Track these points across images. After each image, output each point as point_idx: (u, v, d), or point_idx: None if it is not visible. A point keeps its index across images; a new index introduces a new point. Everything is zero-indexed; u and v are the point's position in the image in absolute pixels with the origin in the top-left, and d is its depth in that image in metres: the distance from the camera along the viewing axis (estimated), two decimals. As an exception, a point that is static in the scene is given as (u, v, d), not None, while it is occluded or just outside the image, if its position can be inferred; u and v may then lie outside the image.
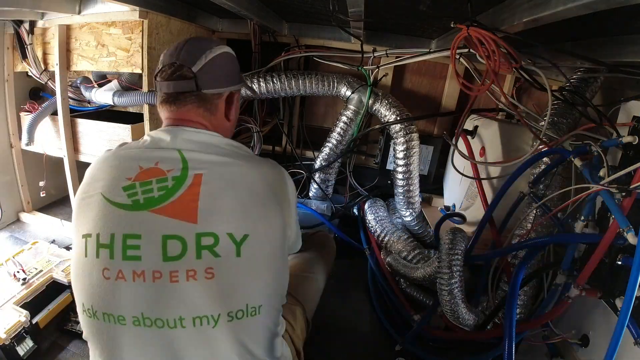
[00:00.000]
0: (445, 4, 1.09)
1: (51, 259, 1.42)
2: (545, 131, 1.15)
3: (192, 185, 0.64)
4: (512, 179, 1.20)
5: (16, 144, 1.85)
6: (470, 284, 1.36)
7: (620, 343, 0.74)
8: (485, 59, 0.99)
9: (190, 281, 0.60)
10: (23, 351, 1.11)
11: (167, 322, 0.60)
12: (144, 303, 0.60)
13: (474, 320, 1.15)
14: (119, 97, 1.55)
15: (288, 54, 1.80)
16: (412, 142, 1.63)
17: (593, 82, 1.29)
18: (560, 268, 1.01)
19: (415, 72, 1.97)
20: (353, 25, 1.41)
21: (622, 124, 1.02)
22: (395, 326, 1.36)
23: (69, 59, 1.61)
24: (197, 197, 0.63)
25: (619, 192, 0.84)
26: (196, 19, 1.77)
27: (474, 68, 1.37)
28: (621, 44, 1.04)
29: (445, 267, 1.12)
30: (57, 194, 2.12)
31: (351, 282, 1.64)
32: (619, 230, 0.80)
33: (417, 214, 1.75)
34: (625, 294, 0.74)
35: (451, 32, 1.37)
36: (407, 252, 1.57)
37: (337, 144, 1.80)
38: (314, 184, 1.89)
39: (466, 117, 1.36)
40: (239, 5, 1.31)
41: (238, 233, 0.63)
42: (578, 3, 0.65)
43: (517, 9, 0.87)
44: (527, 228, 1.24)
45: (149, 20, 1.41)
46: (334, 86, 1.72)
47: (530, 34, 0.91)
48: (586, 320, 1.06)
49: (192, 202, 0.63)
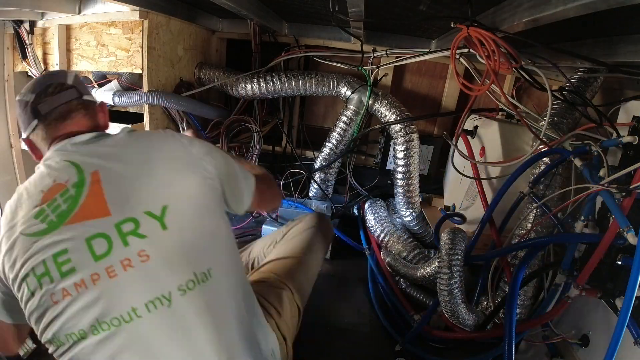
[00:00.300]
0: (445, 4, 1.09)
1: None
2: (545, 131, 1.15)
3: (92, 183, 0.64)
4: (512, 179, 1.20)
5: (16, 144, 1.85)
6: (470, 284, 1.36)
7: (620, 343, 0.74)
8: (485, 59, 0.99)
9: (129, 270, 0.60)
10: (23, 351, 1.11)
11: (122, 317, 0.59)
12: (94, 310, 0.59)
13: (473, 320, 1.15)
14: (119, 97, 1.55)
15: (288, 54, 1.81)
16: (412, 142, 1.63)
17: (593, 82, 1.29)
18: (560, 268, 1.01)
19: (415, 72, 1.97)
20: (353, 25, 1.41)
21: (622, 124, 1.02)
22: (395, 326, 1.36)
23: (69, 59, 1.61)
24: (101, 191, 0.64)
25: (619, 192, 0.84)
26: (196, 19, 1.77)
27: (474, 68, 1.37)
28: (621, 44, 1.04)
29: (445, 267, 1.12)
30: (57, 194, 2.12)
31: (351, 282, 1.63)
32: (619, 230, 0.80)
33: (417, 214, 1.75)
34: (625, 294, 0.74)
35: (451, 32, 1.37)
36: (407, 252, 1.57)
37: (337, 144, 1.80)
38: (313, 184, 1.89)
39: (466, 117, 1.36)
40: (239, 5, 1.31)
41: (155, 207, 0.64)
42: (578, 3, 0.65)
43: (517, 9, 0.87)
44: (527, 228, 1.23)
45: (149, 20, 1.41)
46: (334, 86, 1.72)
47: (530, 34, 0.91)
48: (586, 320, 1.06)
49: (98, 197, 0.63)
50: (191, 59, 1.78)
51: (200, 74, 1.82)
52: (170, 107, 1.60)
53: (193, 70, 1.81)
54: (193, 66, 1.81)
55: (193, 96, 1.71)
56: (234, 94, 1.80)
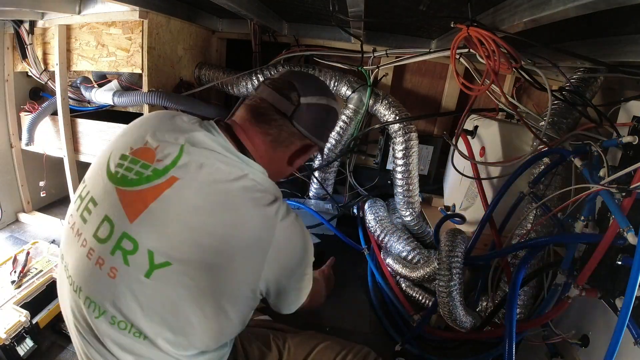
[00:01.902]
0: (445, 4, 1.09)
1: (51, 259, 1.42)
2: (545, 131, 1.16)
3: (161, 184, 0.60)
4: (512, 179, 1.20)
5: (16, 144, 1.85)
6: (471, 283, 1.36)
7: (620, 343, 0.74)
8: (485, 59, 0.99)
9: (97, 267, 0.60)
10: (23, 351, 1.11)
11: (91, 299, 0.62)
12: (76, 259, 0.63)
13: (471, 322, 1.15)
14: (119, 97, 1.55)
15: (289, 52, 1.80)
16: (410, 142, 1.63)
17: (593, 82, 1.29)
18: (560, 268, 1.01)
19: (415, 72, 1.97)
20: (353, 25, 1.41)
21: (622, 124, 1.02)
22: (395, 326, 1.36)
23: (69, 59, 1.61)
24: (155, 198, 0.59)
25: (619, 192, 0.84)
26: (196, 19, 1.77)
27: (474, 68, 1.38)
28: (621, 44, 1.04)
29: (444, 269, 1.12)
30: (57, 194, 2.12)
31: (351, 282, 1.64)
32: (619, 230, 0.80)
33: (417, 214, 1.75)
34: (625, 294, 0.74)
35: (451, 32, 1.37)
36: (407, 252, 1.57)
37: (336, 144, 1.79)
38: (313, 184, 1.88)
39: (466, 117, 1.36)
40: (239, 5, 1.31)
41: (159, 255, 0.58)
42: (578, 3, 0.65)
43: (517, 9, 0.87)
44: (527, 228, 1.24)
45: (149, 20, 1.41)
46: (333, 84, 1.72)
47: (530, 34, 0.91)
48: (586, 320, 1.06)
49: (146, 200, 0.59)
50: (191, 59, 1.78)
51: (200, 74, 1.82)
52: (170, 106, 1.59)
53: (193, 70, 1.81)
54: (193, 66, 1.81)
55: (193, 96, 1.71)
56: (235, 93, 1.80)
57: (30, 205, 1.99)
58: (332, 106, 0.78)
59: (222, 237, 0.59)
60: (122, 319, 0.60)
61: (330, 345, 0.87)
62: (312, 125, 0.74)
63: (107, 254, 0.59)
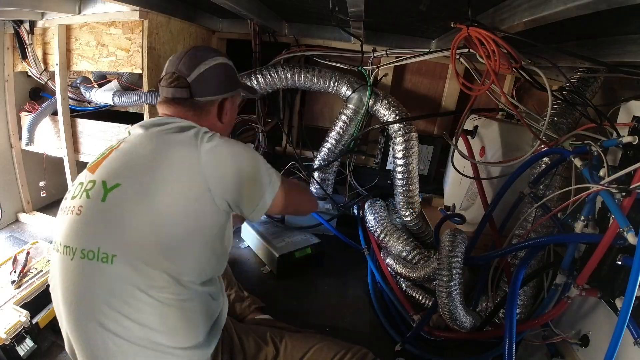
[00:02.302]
0: (445, 4, 1.09)
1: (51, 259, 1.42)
2: (545, 131, 1.16)
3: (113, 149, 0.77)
4: (512, 179, 1.20)
5: (16, 144, 1.85)
6: (471, 283, 1.36)
7: (620, 343, 0.74)
8: (485, 59, 0.99)
9: (69, 215, 0.72)
10: (23, 351, 1.11)
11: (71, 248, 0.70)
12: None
13: (471, 323, 1.15)
14: (119, 97, 1.54)
15: (289, 52, 1.80)
16: (410, 142, 1.63)
17: (593, 82, 1.29)
18: (560, 268, 1.01)
19: (415, 72, 1.97)
20: (353, 25, 1.41)
21: (622, 124, 1.02)
22: (395, 326, 1.36)
23: (69, 59, 1.61)
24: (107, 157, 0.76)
25: (619, 192, 0.84)
26: (196, 19, 1.77)
27: (474, 68, 1.37)
28: (621, 43, 1.04)
29: (444, 269, 1.12)
30: (57, 194, 2.11)
31: (351, 282, 1.63)
32: (619, 230, 0.80)
33: (416, 214, 1.75)
34: (625, 294, 0.74)
35: (451, 32, 1.37)
36: (407, 252, 1.57)
37: (336, 144, 1.79)
38: (313, 184, 1.88)
39: (466, 117, 1.36)
40: (239, 5, 1.31)
41: (110, 181, 0.71)
42: (578, 3, 0.65)
43: (517, 9, 0.87)
44: (527, 228, 1.23)
45: (149, 20, 1.41)
46: (333, 84, 1.71)
47: (530, 34, 0.91)
48: (586, 320, 1.06)
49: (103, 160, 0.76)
50: (191, 59, 1.78)
51: (200, 74, 1.81)
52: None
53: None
54: (193, 66, 1.80)
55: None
56: (234, 94, 1.79)
57: (31, 205, 1.99)
58: (212, 65, 0.87)
59: (153, 160, 0.73)
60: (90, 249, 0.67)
61: (328, 345, 0.88)
62: (210, 89, 0.87)
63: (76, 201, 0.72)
